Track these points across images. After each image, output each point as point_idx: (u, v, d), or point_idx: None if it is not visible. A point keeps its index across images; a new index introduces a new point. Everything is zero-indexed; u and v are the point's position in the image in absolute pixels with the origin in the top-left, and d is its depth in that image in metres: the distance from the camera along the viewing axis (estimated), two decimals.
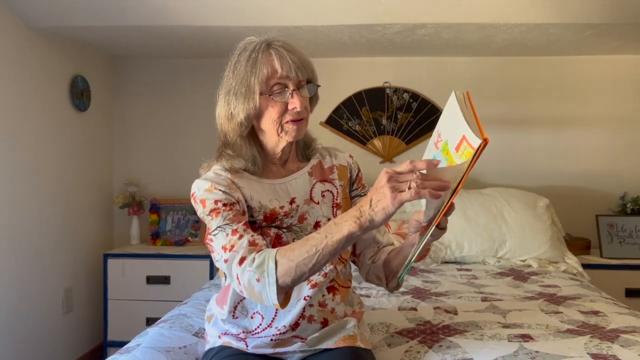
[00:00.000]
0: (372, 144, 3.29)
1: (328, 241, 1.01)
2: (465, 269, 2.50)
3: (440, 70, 3.25)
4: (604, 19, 2.43)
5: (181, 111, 3.38)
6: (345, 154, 1.40)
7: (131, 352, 1.38)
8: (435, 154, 1.00)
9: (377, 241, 1.36)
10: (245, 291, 1.09)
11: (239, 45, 1.22)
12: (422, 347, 1.41)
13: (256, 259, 1.07)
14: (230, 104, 1.18)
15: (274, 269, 1.04)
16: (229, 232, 1.12)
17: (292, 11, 2.43)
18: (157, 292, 2.97)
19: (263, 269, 1.05)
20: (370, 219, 0.98)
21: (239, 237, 1.11)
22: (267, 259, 1.05)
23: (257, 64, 1.15)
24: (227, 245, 1.11)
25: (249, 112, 1.17)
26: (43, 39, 2.69)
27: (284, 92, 1.17)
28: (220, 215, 1.14)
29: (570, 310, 1.75)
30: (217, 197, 1.15)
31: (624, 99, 3.17)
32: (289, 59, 1.17)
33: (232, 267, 1.09)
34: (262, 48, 1.17)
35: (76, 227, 3.01)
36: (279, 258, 1.05)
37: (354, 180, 1.37)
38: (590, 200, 3.19)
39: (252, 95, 1.15)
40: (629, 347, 1.36)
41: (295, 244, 1.06)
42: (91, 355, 3.12)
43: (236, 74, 1.17)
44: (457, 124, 0.92)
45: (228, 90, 1.19)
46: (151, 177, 3.40)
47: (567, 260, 2.65)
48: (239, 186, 1.20)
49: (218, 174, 1.21)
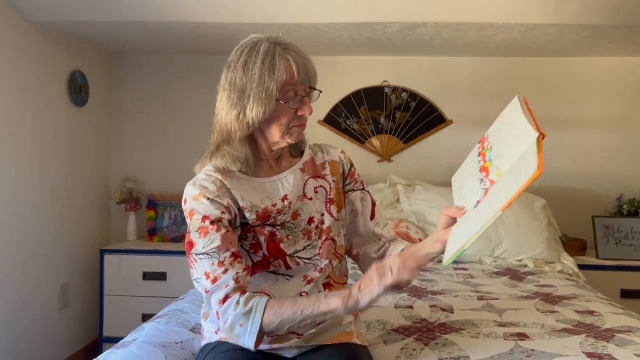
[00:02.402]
0: (370, 142, 3.30)
1: (314, 309, 1.11)
2: (462, 268, 2.51)
3: (439, 69, 3.26)
4: (601, 21, 2.44)
5: (179, 107, 3.38)
6: (337, 149, 1.40)
7: (127, 346, 1.38)
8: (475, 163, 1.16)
9: (377, 234, 1.36)
10: (223, 329, 1.16)
11: (244, 42, 1.21)
12: (418, 344, 1.42)
13: (241, 304, 1.11)
14: (243, 105, 1.16)
15: (259, 321, 1.10)
16: (214, 262, 1.14)
17: (291, 8, 2.43)
18: (153, 288, 2.96)
19: (249, 317, 1.11)
20: (355, 300, 1.10)
21: (224, 271, 1.13)
22: (255, 309, 1.10)
23: (275, 68, 1.15)
24: (211, 275, 1.13)
25: (264, 116, 1.16)
26: (42, 33, 2.68)
27: (296, 98, 1.19)
28: (208, 237, 1.15)
29: (565, 309, 1.76)
30: (204, 212, 1.16)
31: (621, 101, 3.18)
32: (306, 65, 1.18)
33: (213, 301, 1.13)
34: (278, 51, 1.16)
35: (73, 223, 3.01)
36: (267, 312, 1.11)
37: (346, 175, 1.38)
38: (586, 201, 3.20)
39: (270, 101, 1.15)
40: (624, 347, 1.37)
41: (285, 301, 1.12)
42: (86, 350, 3.12)
43: (250, 75, 1.15)
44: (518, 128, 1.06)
45: (241, 90, 1.16)
46: (148, 174, 3.40)
47: (563, 260, 2.66)
48: (229, 187, 1.20)
49: (209, 174, 1.21)
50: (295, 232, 1.25)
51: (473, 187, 1.15)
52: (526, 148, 0.99)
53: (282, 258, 1.24)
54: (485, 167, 1.13)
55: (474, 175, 1.17)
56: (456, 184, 1.26)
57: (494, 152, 1.13)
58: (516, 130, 1.06)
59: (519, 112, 1.08)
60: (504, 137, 1.11)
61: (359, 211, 1.37)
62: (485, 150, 1.16)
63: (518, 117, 1.07)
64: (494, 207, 1.00)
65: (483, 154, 1.17)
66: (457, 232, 1.12)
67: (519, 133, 1.04)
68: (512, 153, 1.04)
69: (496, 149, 1.12)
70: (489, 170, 1.11)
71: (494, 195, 1.04)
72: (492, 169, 1.11)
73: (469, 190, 1.16)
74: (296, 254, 1.25)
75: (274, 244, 1.23)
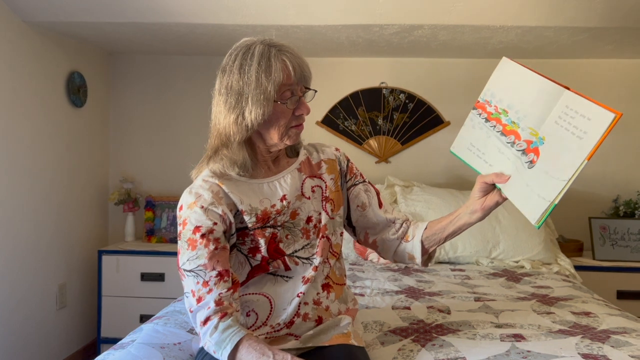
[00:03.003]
0: (368, 144, 3.30)
1: None
2: (459, 269, 2.52)
3: (437, 71, 3.27)
4: (598, 23, 2.45)
5: (178, 108, 3.38)
6: (331, 147, 1.41)
7: (126, 347, 1.39)
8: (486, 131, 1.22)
9: (390, 219, 1.39)
10: (205, 347, 1.16)
11: (237, 45, 1.22)
12: (415, 345, 1.42)
13: (218, 331, 1.11)
14: (242, 108, 1.17)
15: (228, 352, 1.09)
16: (200, 281, 1.15)
17: (289, 10, 2.44)
18: (151, 289, 2.97)
19: (220, 347, 1.11)
20: None
21: (208, 291, 1.14)
22: (228, 341, 1.10)
23: (271, 70, 1.15)
24: (196, 294, 1.15)
25: (262, 118, 1.17)
26: (40, 34, 2.68)
27: (293, 98, 1.20)
28: (195, 252, 1.15)
29: (562, 311, 1.77)
30: (197, 222, 1.16)
31: (618, 102, 3.19)
32: (301, 66, 1.20)
33: (197, 321, 1.15)
34: (273, 53, 1.17)
35: (71, 223, 3.01)
36: (241, 347, 1.10)
37: (345, 172, 1.39)
38: (583, 203, 3.21)
39: (268, 102, 1.16)
40: (619, 348, 1.37)
41: (258, 342, 1.11)
42: (84, 351, 3.12)
43: (247, 78, 1.16)
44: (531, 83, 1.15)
45: (239, 93, 1.17)
46: (147, 174, 3.40)
47: (560, 261, 2.67)
48: (227, 192, 1.20)
49: (206, 180, 1.22)
50: (294, 232, 1.26)
51: (501, 151, 1.19)
52: (561, 102, 1.08)
53: (281, 258, 1.24)
54: (511, 130, 1.18)
55: (495, 141, 1.21)
56: (469, 155, 1.29)
57: (514, 114, 1.18)
58: (534, 88, 1.13)
59: (524, 70, 1.16)
60: (522, 98, 1.17)
61: (367, 203, 1.39)
62: (497, 115, 1.21)
63: (527, 75, 1.15)
64: (572, 161, 1.05)
65: (497, 119, 1.21)
66: (521, 194, 1.14)
67: (540, 90, 1.12)
68: (541, 110, 1.12)
69: (517, 111, 1.17)
70: (518, 132, 1.16)
71: (555, 150, 1.09)
72: (521, 130, 1.16)
73: (497, 156, 1.20)
74: (295, 254, 1.26)
75: (274, 244, 1.24)
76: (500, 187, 1.20)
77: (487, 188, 1.22)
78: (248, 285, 1.25)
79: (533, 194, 1.11)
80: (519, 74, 1.19)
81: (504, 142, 1.19)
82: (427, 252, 1.36)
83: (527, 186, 1.12)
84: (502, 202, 1.22)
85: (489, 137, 1.23)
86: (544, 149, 1.11)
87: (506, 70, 1.23)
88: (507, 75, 1.22)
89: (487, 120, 1.24)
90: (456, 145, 1.33)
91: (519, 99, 1.18)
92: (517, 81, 1.19)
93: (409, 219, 1.41)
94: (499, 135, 1.21)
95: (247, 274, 1.25)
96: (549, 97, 1.11)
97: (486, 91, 1.26)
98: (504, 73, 1.23)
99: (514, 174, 1.16)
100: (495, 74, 1.25)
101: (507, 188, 1.18)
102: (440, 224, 1.32)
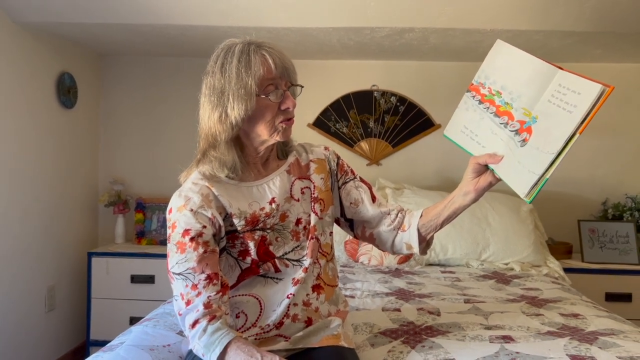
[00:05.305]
0: (359, 146, 3.31)
1: None
2: (449, 272, 2.53)
3: (428, 74, 3.28)
4: (586, 27, 2.47)
5: (168, 110, 3.37)
6: (320, 147, 1.41)
7: (115, 350, 1.38)
8: (480, 112, 1.22)
9: (384, 212, 1.39)
10: (193, 350, 1.15)
11: (220, 47, 1.22)
12: (405, 347, 1.43)
13: (207, 334, 1.11)
14: (224, 105, 1.17)
15: (217, 355, 1.09)
16: (188, 284, 1.14)
17: (280, 12, 2.44)
18: (141, 291, 2.95)
19: (209, 349, 1.10)
20: None
21: (197, 294, 1.13)
22: (217, 344, 1.10)
23: (251, 64, 1.16)
24: (185, 297, 1.14)
25: (246, 113, 1.17)
26: (30, 34, 2.67)
27: (277, 92, 1.19)
28: (184, 255, 1.15)
29: (550, 312, 1.78)
30: (186, 225, 1.16)
31: (607, 106, 3.19)
32: (283, 60, 1.19)
33: (185, 324, 1.14)
34: (252, 49, 1.18)
35: (60, 225, 2.99)
36: (230, 349, 1.09)
37: (336, 171, 1.39)
38: (572, 206, 3.23)
39: (250, 97, 1.16)
40: (607, 349, 1.39)
41: (246, 344, 1.11)
42: (74, 354, 3.09)
43: (227, 75, 1.17)
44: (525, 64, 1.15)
45: (221, 91, 1.17)
46: (137, 176, 3.39)
47: (549, 264, 2.69)
48: (217, 194, 1.20)
49: (195, 183, 1.21)
50: (284, 234, 1.26)
51: (494, 132, 1.19)
52: (555, 81, 1.09)
53: (271, 261, 1.24)
54: (505, 111, 1.18)
55: (488, 122, 1.21)
56: (462, 137, 1.29)
57: (508, 95, 1.18)
58: (528, 69, 1.14)
59: (518, 52, 1.17)
60: (516, 79, 1.17)
61: (359, 200, 1.39)
62: (491, 97, 1.22)
63: (521, 56, 1.16)
64: (562, 134, 1.08)
65: (490, 101, 1.22)
66: (513, 171, 1.14)
67: (534, 70, 1.13)
68: (535, 91, 1.12)
69: (510, 92, 1.18)
70: (512, 113, 1.17)
71: (546, 126, 1.10)
72: (514, 111, 1.16)
73: (490, 137, 1.21)
74: (285, 256, 1.26)
75: (264, 247, 1.23)
76: (492, 167, 1.19)
77: (480, 169, 1.22)
78: (238, 287, 1.25)
79: (524, 170, 1.11)
80: (513, 56, 1.19)
81: (497, 123, 1.19)
82: (424, 240, 1.36)
83: (518, 163, 1.12)
84: (495, 182, 1.22)
85: (482, 119, 1.23)
86: (536, 127, 1.11)
87: (501, 52, 1.23)
88: (501, 57, 1.22)
89: (480, 102, 1.24)
90: (449, 129, 1.33)
91: (513, 80, 1.18)
92: (512, 63, 1.19)
93: (403, 209, 1.40)
94: (492, 116, 1.20)
95: (237, 277, 1.25)
96: (544, 78, 1.12)
97: (480, 73, 1.26)
98: (499, 55, 1.23)
99: (507, 153, 1.16)
100: (490, 56, 1.25)
101: (499, 168, 1.17)
102: (435, 209, 1.32)
